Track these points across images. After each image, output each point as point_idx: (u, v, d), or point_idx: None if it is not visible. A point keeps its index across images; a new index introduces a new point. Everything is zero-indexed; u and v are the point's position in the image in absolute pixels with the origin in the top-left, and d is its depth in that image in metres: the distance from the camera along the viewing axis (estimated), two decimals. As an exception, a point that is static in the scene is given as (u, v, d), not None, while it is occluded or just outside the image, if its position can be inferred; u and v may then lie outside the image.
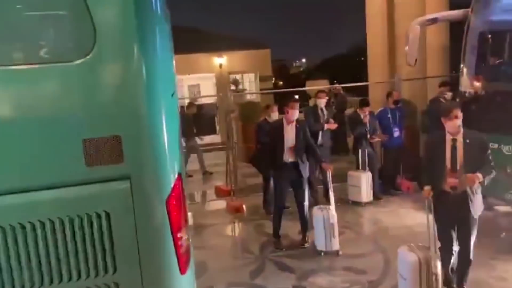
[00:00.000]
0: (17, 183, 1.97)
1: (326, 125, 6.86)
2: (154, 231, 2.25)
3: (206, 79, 20.74)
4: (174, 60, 2.66)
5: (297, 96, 6.82)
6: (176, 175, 2.33)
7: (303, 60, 67.13)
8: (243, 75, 21.93)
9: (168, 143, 2.25)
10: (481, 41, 5.62)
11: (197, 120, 11.03)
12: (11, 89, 1.97)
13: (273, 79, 39.69)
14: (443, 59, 9.44)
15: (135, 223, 2.18)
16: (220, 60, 20.88)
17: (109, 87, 2.10)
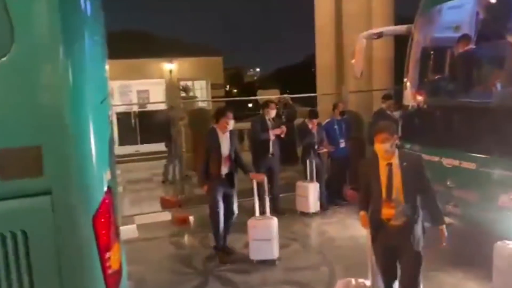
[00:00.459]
0: None
1: (271, 132, 6.83)
2: (78, 252, 2.06)
3: (156, 85, 20.28)
4: (107, 63, 2.48)
5: (250, 104, 6.78)
6: (105, 189, 2.15)
7: (257, 69, 67.80)
8: (194, 82, 21.67)
9: (96, 154, 2.06)
10: (423, 56, 5.79)
11: (144, 127, 10.73)
12: None
13: (227, 87, 39.68)
14: (388, 72, 9.73)
15: (56, 244, 1.99)
16: (170, 66, 20.53)
17: (29, 92, 1.91)
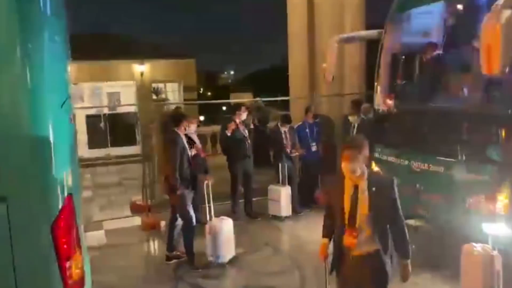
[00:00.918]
0: None
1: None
2: (36, 261, 1.97)
3: (127, 87, 19.91)
4: (68, 64, 2.38)
5: (224, 107, 6.73)
6: (66, 195, 2.06)
7: (232, 72, 67.61)
8: (166, 84, 21.38)
9: (55, 159, 1.98)
10: (393, 61, 5.87)
11: (114, 130, 10.53)
12: None
13: (200, 89, 39.38)
14: (360, 76, 9.81)
15: (12, 253, 1.89)
16: (141, 68, 20.19)
17: (-18, 94, 1.82)
